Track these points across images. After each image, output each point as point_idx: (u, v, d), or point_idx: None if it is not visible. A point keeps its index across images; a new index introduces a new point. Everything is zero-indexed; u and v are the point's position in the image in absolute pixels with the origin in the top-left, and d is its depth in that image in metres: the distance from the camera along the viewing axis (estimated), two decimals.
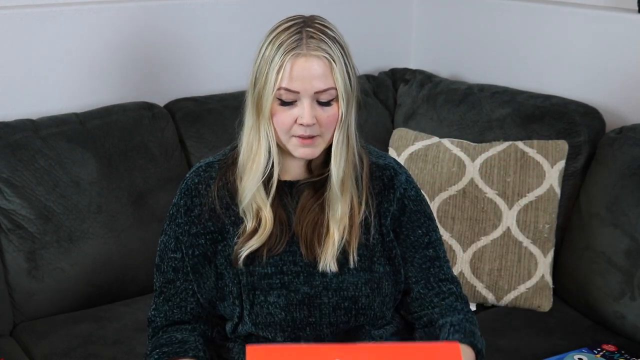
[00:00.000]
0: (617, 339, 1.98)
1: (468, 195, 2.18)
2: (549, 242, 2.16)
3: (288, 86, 1.38)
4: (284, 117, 1.41)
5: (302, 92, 1.39)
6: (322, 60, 1.38)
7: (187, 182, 1.53)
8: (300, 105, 1.40)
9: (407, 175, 1.57)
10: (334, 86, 1.40)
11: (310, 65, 1.38)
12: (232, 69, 2.56)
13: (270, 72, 1.38)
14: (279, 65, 1.38)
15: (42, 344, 1.96)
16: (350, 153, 1.46)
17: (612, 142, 2.14)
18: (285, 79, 1.38)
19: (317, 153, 1.45)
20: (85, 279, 2.11)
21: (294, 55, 1.37)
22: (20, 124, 2.13)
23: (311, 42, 1.38)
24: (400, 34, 2.92)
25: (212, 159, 1.56)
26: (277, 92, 1.39)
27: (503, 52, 2.63)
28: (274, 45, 1.39)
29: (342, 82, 1.40)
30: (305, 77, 1.38)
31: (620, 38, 2.29)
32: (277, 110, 1.41)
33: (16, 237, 2.03)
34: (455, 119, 2.45)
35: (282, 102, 1.40)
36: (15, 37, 2.22)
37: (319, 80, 1.38)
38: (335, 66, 1.39)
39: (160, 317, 1.54)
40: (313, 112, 1.40)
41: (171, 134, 2.29)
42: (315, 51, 1.38)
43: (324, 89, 1.39)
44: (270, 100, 1.40)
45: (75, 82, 2.33)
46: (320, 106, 1.41)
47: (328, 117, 1.41)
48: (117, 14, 2.36)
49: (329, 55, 1.38)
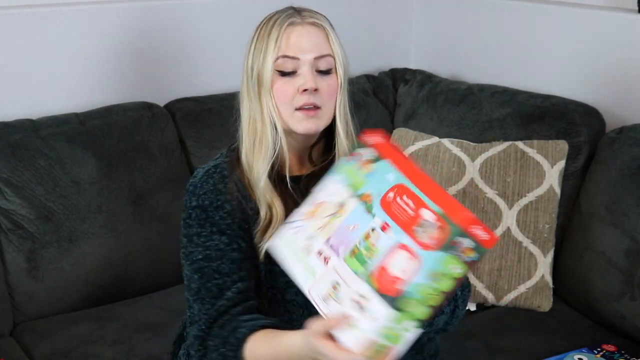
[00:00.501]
0: (617, 339, 1.98)
1: (468, 195, 2.18)
2: (549, 242, 2.15)
3: (287, 53, 1.41)
4: (286, 88, 1.42)
5: (301, 59, 1.41)
6: (318, 27, 1.44)
7: (201, 185, 1.48)
8: (301, 74, 1.41)
9: None
10: (330, 53, 1.43)
11: (307, 31, 1.42)
12: (232, 69, 2.54)
13: (269, 44, 1.41)
14: (276, 35, 1.42)
15: (42, 344, 1.96)
16: (349, 127, 1.47)
17: (612, 142, 2.14)
18: (283, 47, 1.41)
19: (320, 126, 1.44)
20: (85, 279, 2.11)
21: (290, 24, 1.42)
22: (20, 124, 2.13)
23: (305, 13, 1.45)
24: (400, 34, 2.92)
25: (215, 162, 1.53)
26: (277, 62, 1.41)
27: (503, 52, 2.63)
28: (268, 24, 1.44)
29: (339, 50, 1.44)
30: (303, 43, 1.41)
31: (620, 38, 2.29)
32: (278, 82, 1.42)
33: (16, 237, 2.03)
34: (455, 119, 2.45)
35: (283, 73, 1.42)
36: (15, 37, 2.22)
37: (317, 45, 1.42)
38: (330, 33, 1.44)
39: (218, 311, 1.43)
40: (314, 79, 1.41)
41: (171, 134, 2.29)
42: (310, 20, 1.43)
43: (322, 54, 1.42)
44: (270, 72, 1.41)
45: (75, 82, 2.33)
46: (320, 76, 1.42)
47: (329, 86, 1.43)
48: (117, 14, 2.36)
49: (323, 25, 1.44)
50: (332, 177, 1.34)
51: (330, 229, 1.28)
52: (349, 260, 1.23)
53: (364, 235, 1.23)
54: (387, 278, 1.18)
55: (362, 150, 1.33)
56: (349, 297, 1.21)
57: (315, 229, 1.30)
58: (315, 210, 1.32)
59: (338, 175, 1.34)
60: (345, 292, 1.21)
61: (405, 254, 1.18)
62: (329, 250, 1.26)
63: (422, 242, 1.17)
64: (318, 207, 1.32)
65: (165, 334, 1.92)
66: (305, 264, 1.28)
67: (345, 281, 1.22)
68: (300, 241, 1.30)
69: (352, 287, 1.21)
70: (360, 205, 1.27)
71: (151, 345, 1.94)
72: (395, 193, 1.24)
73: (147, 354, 1.91)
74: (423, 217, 1.19)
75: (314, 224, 1.30)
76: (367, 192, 1.27)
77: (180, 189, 2.21)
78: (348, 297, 1.21)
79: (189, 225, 1.48)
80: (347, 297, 1.21)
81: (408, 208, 1.21)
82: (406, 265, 1.17)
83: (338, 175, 1.34)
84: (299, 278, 1.29)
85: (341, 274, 1.23)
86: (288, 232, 1.34)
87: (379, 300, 1.17)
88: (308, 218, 1.32)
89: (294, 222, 1.34)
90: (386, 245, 1.20)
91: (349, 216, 1.27)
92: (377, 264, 1.19)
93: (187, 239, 1.48)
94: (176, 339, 1.65)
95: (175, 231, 1.53)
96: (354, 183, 1.30)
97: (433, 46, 2.88)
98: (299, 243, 1.30)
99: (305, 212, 1.33)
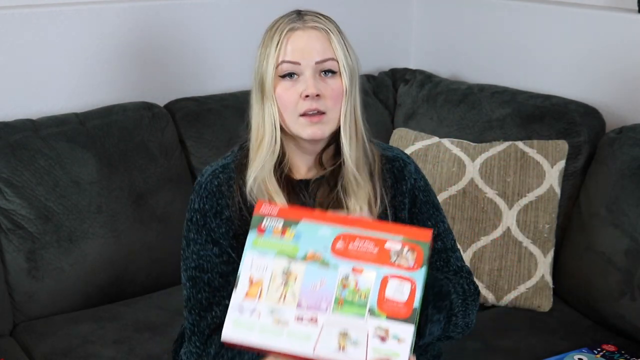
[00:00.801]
0: (617, 339, 1.98)
1: (468, 195, 2.18)
2: (549, 242, 2.16)
3: (288, 58, 1.40)
4: (289, 94, 1.41)
5: (302, 64, 1.40)
6: (319, 31, 1.42)
7: (205, 186, 1.47)
8: (303, 79, 1.41)
9: (415, 165, 1.57)
10: (333, 57, 1.42)
11: (308, 36, 1.41)
12: (232, 69, 2.56)
13: (271, 49, 1.41)
14: (277, 41, 1.41)
15: (42, 344, 1.96)
16: (359, 133, 1.46)
17: (612, 142, 2.14)
18: (284, 52, 1.41)
19: (326, 132, 1.43)
20: (85, 279, 2.10)
21: (291, 29, 1.42)
22: (20, 124, 2.13)
23: (307, 17, 1.44)
24: (400, 34, 2.92)
25: (225, 161, 1.52)
26: (279, 68, 1.41)
27: (503, 52, 2.63)
28: (272, 29, 1.44)
29: (342, 53, 1.43)
30: (304, 48, 1.41)
31: (620, 38, 2.29)
32: (281, 87, 1.42)
33: (16, 237, 2.03)
34: (455, 119, 2.45)
35: (285, 76, 1.41)
36: (15, 37, 2.22)
37: (318, 50, 1.41)
38: (332, 37, 1.43)
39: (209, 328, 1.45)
40: (316, 83, 1.40)
41: (171, 134, 2.29)
42: (312, 23, 1.42)
43: (324, 58, 1.41)
44: (272, 77, 1.41)
45: (75, 82, 2.33)
46: (323, 79, 1.42)
47: (333, 90, 1.42)
48: (117, 14, 2.36)
49: (326, 28, 1.43)
50: (250, 255, 1.34)
51: (294, 296, 1.31)
52: (340, 309, 1.29)
53: (340, 285, 1.30)
54: (392, 305, 1.28)
55: (265, 223, 1.35)
56: (365, 336, 1.27)
57: (274, 303, 1.31)
58: (256, 289, 1.33)
59: (255, 251, 1.34)
60: (360, 333, 1.27)
61: (395, 280, 1.29)
62: (309, 313, 1.29)
63: (405, 267, 1.29)
64: (256, 286, 1.32)
65: (165, 334, 1.92)
66: (289, 334, 1.29)
67: (351, 326, 1.28)
68: (265, 319, 1.30)
69: (364, 327, 1.28)
70: (312, 265, 1.31)
71: (151, 345, 1.94)
72: (343, 241, 1.32)
73: (147, 354, 1.91)
74: (392, 249, 1.31)
75: (267, 300, 1.31)
76: (310, 252, 1.32)
77: (180, 189, 2.24)
78: (365, 337, 1.27)
79: (189, 228, 1.48)
80: (363, 338, 1.27)
81: (369, 248, 1.31)
82: (403, 288, 1.28)
83: (255, 251, 1.34)
84: (293, 347, 1.29)
85: (342, 322, 1.28)
86: (242, 318, 1.31)
87: (398, 324, 1.27)
88: (253, 298, 1.32)
89: (238, 306, 1.32)
90: (371, 283, 1.29)
91: (306, 278, 1.31)
92: (375, 299, 1.28)
93: (185, 242, 1.48)
94: (177, 337, 1.65)
95: (175, 231, 1.53)
96: (285, 251, 1.33)
97: (433, 46, 2.88)
98: (265, 321, 1.30)
99: (244, 295, 1.32)
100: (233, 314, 1.31)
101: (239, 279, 1.33)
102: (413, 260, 1.30)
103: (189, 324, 1.46)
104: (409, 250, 1.31)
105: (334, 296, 1.30)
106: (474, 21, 2.71)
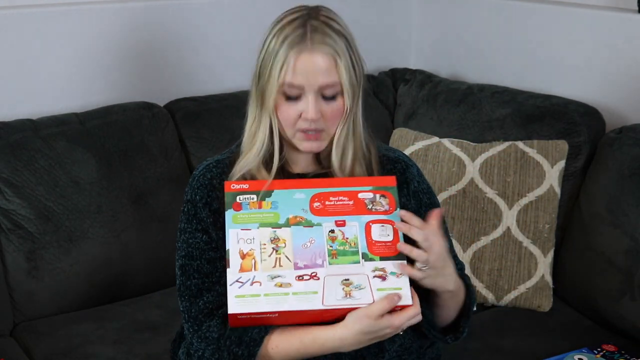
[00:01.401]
0: (617, 339, 1.98)
1: (468, 195, 2.18)
2: (549, 242, 2.15)
3: (292, 81, 1.38)
4: (289, 111, 1.41)
5: (306, 87, 1.39)
6: (325, 54, 1.38)
7: (198, 178, 1.50)
8: (304, 100, 1.40)
9: (417, 167, 1.57)
10: (338, 81, 1.40)
11: (314, 60, 1.38)
12: (232, 69, 2.56)
13: (274, 66, 1.39)
14: (282, 60, 1.38)
15: (42, 344, 1.96)
16: (356, 145, 1.46)
17: (612, 142, 2.14)
18: (289, 73, 1.38)
19: (322, 147, 1.45)
20: (85, 279, 2.11)
21: (297, 50, 1.38)
22: (20, 124, 2.13)
23: (315, 36, 1.38)
24: (400, 34, 2.92)
25: (220, 157, 1.54)
26: (282, 87, 1.39)
27: (503, 52, 2.63)
28: (278, 39, 1.39)
29: (347, 76, 1.40)
30: (309, 72, 1.38)
31: (620, 38, 2.29)
32: (282, 104, 1.41)
33: (16, 237, 2.03)
34: (455, 119, 2.45)
35: (287, 97, 1.40)
36: (15, 37, 2.22)
37: (322, 75, 1.38)
38: (339, 61, 1.39)
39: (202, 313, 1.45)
40: (318, 107, 1.40)
41: (171, 134, 2.29)
42: (319, 45, 1.38)
43: (328, 83, 1.39)
44: (274, 95, 1.40)
45: (75, 82, 2.34)
46: (324, 100, 1.41)
47: (333, 111, 1.41)
48: (117, 14, 2.36)
49: (333, 50, 1.38)
50: (233, 231, 1.38)
51: (288, 258, 1.36)
52: (335, 261, 1.36)
53: (328, 240, 1.38)
54: (381, 246, 1.38)
55: (240, 198, 1.40)
56: (366, 279, 1.35)
57: (270, 270, 1.35)
58: (249, 262, 1.36)
59: (237, 226, 1.38)
60: (360, 278, 1.35)
61: (377, 225, 1.40)
62: (307, 270, 1.35)
63: (382, 211, 1.41)
64: (249, 258, 1.36)
65: (165, 334, 1.92)
66: (295, 293, 1.34)
67: (351, 272, 1.36)
68: (267, 286, 1.34)
69: (362, 271, 1.36)
70: (296, 227, 1.39)
71: (151, 345, 1.94)
72: (319, 201, 1.41)
73: (147, 353, 1.91)
74: (365, 199, 1.42)
75: (263, 269, 1.35)
76: (291, 216, 1.39)
77: (180, 189, 2.22)
78: (366, 280, 1.35)
79: (181, 219, 1.51)
80: (365, 280, 1.35)
81: (344, 202, 1.41)
82: (386, 230, 1.39)
83: (237, 226, 1.38)
84: (302, 304, 1.33)
85: (341, 272, 1.35)
86: (244, 290, 1.34)
87: (392, 261, 1.37)
88: (249, 270, 1.35)
89: (236, 281, 1.34)
90: (356, 232, 1.39)
91: (295, 240, 1.38)
92: (364, 245, 1.38)
93: (178, 233, 1.51)
94: (176, 337, 1.65)
95: (175, 231, 1.53)
96: (267, 221, 1.39)
97: (433, 46, 2.88)
98: (268, 287, 1.34)
99: (238, 269, 1.35)
100: (233, 289, 1.34)
101: (229, 255, 1.36)
102: (387, 205, 1.41)
103: (182, 312, 1.48)
104: (381, 197, 1.42)
105: (325, 251, 1.37)
106: (474, 21, 2.71)
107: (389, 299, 1.33)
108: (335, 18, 1.43)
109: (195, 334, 1.45)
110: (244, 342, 1.39)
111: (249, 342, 1.39)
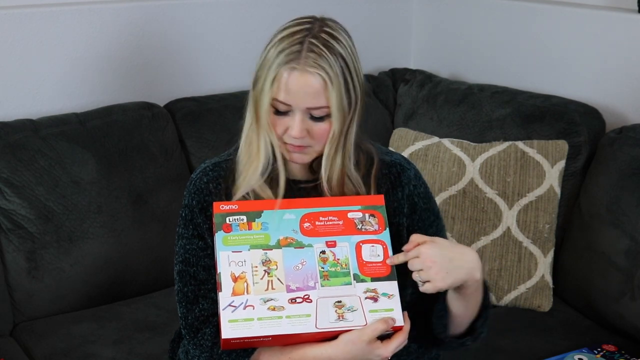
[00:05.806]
0: (617, 339, 1.98)
1: (468, 195, 2.18)
2: (549, 242, 2.16)
3: (281, 99, 1.37)
4: (277, 125, 1.40)
5: (294, 106, 1.37)
6: (317, 77, 1.35)
7: (195, 182, 1.50)
8: (292, 117, 1.39)
9: (415, 170, 1.55)
10: (326, 105, 1.37)
11: (304, 81, 1.35)
12: (232, 69, 2.56)
13: (267, 80, 1.37)
14: (273, 75, 1.36)
15: (42, 344, 1.96)
16: (345, 161, 1.44)
17: (612, 142, 2.14)
18: (279, 91, 1.37)
19: (308, 160, 1.45)
20: (85, 279, 2.11)
21: (290, 67, 1.35)
22: (20, 124, 2.13)
23: (310, 56, 1.35)
24: (400, 34, 2.92)
25: (218, 159, 1.53)
26: (272, 102, 1.38)
27: (503, 52, 2.63)
28: (276, 50, 1.37)
29: (337, 101, 1.36)
30: (299, 92, 1.36)
31: (620, 38, 2.29)
32: (272, 117, 1.40)
33: (16, 237, 2.03)
34: (455, 119, 2.45)
35: (277, 111, 1.39)
36: (15, 37, 2.22)
37: (311, 97, 1.36)
38: (330, 85, 1.35)
39: (198, 320, 1.46)
40: (303, 126, 1.38)
41: (171, 134, 2.29)
42: (312, 67, 1.35)
43: (315, 106, 1.37)
44: (267, 108, 1.39)
45: (75, 82, 2.34)
46: (313, 120, 1.39)
47: (320, 130, 1.40)
48: (117, 14, 2.36)
49: (325, 73, 1.35)
50: (224, 254, 1.37)
51: (280, 281, 1.35)
52: (327, 283, 1.36)
53: (319, 261, 1.37)
54: (372, 267, 1.38)
55: (229, 220, 1.39)
56: (359, 300, 1.35)
57: (262, 293, 1.35)
58: (241, 285, 1.35)
59: (228, 248, 1.37)
60: (352, 299, 1.35)
61: (367, 245, 1.40)
62: (300, 293, 1.35)
63: (372, 231, 1.41)
64: (241, 281, 1.35)
65: (165, 334, 1.92)
66: (288, 317, 1.33)
67: (343, 294, 1.36)
68: (260, 309, 1.33)
69: (354, 292, 1.36)
70: (287, 248, 1.38)
71: (151, 345, 1.94)
72: (309, 221, 1.40)
73: (147, 354, 1.92)
74: (355, 218, 1.41)
75: (256, 292, 1.35)
76: (282, 237, 1.39)
77: (180, 189, 2.22)
78: (358, 301, 1.35)
79: (179, 223, 1.51)
80: (357, 302, 1.35)
81: (334, 222, 1.41)
82: (376, 250, 1.39)
83: (228, 248, 1.37)
84: (295, 328, 1.33)
85: (333, 294, 1.35)
86: (237, 314, 1.33)
87: (383, 282, 1.37)
88: (241, 293, 1.34)
89: (229, 305, 1.34)
90: (347, 252, 1.39)
91: (286, 262, 1.37)
92: (355, 265, 1.38)
93: (177, 237, 1.51)
94: (175, 337, 1.66)
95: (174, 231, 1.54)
96: (257, 242, 1.38)
97: (433, 46, 2.88)
98: (261, 311, 1.33)
99: (231, 293, 1.34)
100: (226, 314, 1.33)
101: (221, 279, 1.35)
102: (377, 224, 1.41)
103: (179, 317, 1.49)
104: (370, 216, 1.42)
105: (317, 273, 1.36)
106: (473, 21, 2.71)
107: (383, 322, 1.34)
108: (338, 36, 1.39)
109: (192, 340, 1.46)
110: (234, 352, 1.41)
111: (240, 353, 1.41)
